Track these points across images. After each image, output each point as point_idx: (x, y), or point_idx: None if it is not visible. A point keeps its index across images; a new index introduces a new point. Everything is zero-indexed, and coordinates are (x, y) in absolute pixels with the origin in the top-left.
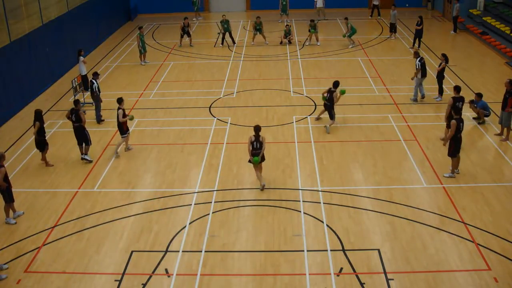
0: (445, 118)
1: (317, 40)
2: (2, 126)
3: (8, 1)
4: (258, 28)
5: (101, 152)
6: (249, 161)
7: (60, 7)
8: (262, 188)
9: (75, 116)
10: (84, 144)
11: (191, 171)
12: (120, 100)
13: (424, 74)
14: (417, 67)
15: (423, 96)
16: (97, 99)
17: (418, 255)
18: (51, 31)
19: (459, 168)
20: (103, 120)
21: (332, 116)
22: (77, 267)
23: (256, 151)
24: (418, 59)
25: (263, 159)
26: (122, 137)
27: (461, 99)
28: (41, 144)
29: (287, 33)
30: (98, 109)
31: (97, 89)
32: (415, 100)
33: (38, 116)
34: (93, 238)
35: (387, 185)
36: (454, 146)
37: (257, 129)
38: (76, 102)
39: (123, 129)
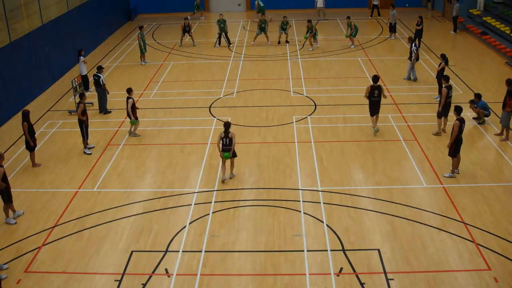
0: (441, 107)
1: (311, 44)
2: (2, 126)
3: (8, 1)
4: (262, 26)
5: (101, 152)
6: (221, 156)
7: (60, 7)
8: (223, 180)
9: (77, 108)
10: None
11: (191, 171)
12: (129, 90)
13: (417, 58)
14: (414, 51)
15: (415, 79)
16: (103, 91)
17: (418, 255)
18: (51, 31)
19: (459, 168)
20: (109, 112)
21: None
22: (77, 267)
23: (226, 147)
24: (413, 44)
25: (234, 155)
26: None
27: (451, 87)
28: (27, 144)
29: (284, 26)
30: (104, 101)
31: (103, 82)
32: (408, 79)
33: (26, 116)
34: (93, 238)
35: (387, 185)
36: (455, 146)
37: (226, 125)
38: (81, 95)
39: (132, 116)
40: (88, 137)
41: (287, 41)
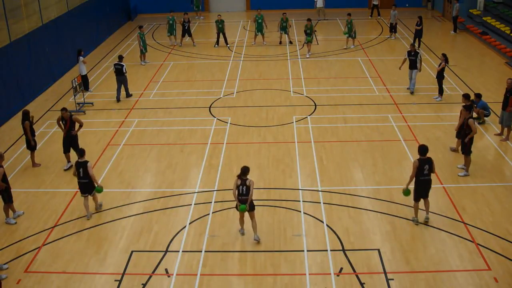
0: (457, 127)
1: (308, 50)
2: (2, 126)
3: (8, 1)
4: (259, 22)
5: (101, 152)
6: (236, 208)
7: (60, 7)
8: (257, 241)
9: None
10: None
11: (191, 171)
12: (83, 152)
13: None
14: (420, 58)
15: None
16: (126, 79)
17: (418, 255)
18: (51, 31)
19: (459, 167)
20: (131, 95)
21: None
22: (77, 267)
23: (243, 197)
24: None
25: (252, 207)
26: (92, 195)
27: (471, 107)
28: (28, 144)
29: (284, 23)
30: (126, 86)
31: (125, 70)
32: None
33: (27, 116)
34: (93, 238)
35: (387, 185)
36: (470, 144)
37: (244, 171)
38: (62, 110)
39: (93, 184)
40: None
41: (290, 42)
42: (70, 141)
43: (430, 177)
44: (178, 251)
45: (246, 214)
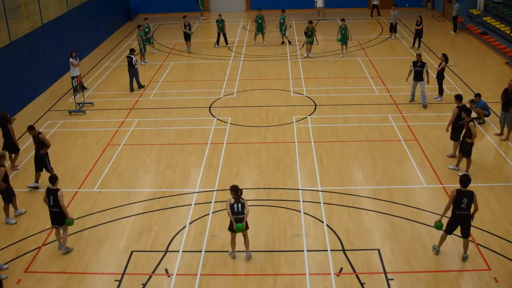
0: (448, 126)
1: (309, 50)
2: None
3: (8, 1)
4: (259, 22)
5: (101, 152)
6: (231, 228)
7: (60, 7)
8: (232, 257)
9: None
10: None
11: (191, 171)
12: (54, 179)
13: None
14: (427, 69)
15: (426, 105)
16: (136, 71)
17: (418, 255)
18: (51, 31)
19: (459, 167)
20: (143, 86)
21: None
22: (77, 267)
23: (239, 216)
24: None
25: (246, 226)
26: (62, 228)
27: (464, 107)
28: (13, 146)
29: (282, 19)
30: (137, 78)
31: (135, 63)
32: (413, 100)
33: (7, 119)
34: (93, 238)
35: (387, 185)
36: (470, 148)
37: (234, 189)
38: (30, 127)
39: (63, 216)
40: (38, 171)
41: (289, 42)
42: (38, 160)
43: (469, 212)
44: (178, 251)
45: (239, 236)
